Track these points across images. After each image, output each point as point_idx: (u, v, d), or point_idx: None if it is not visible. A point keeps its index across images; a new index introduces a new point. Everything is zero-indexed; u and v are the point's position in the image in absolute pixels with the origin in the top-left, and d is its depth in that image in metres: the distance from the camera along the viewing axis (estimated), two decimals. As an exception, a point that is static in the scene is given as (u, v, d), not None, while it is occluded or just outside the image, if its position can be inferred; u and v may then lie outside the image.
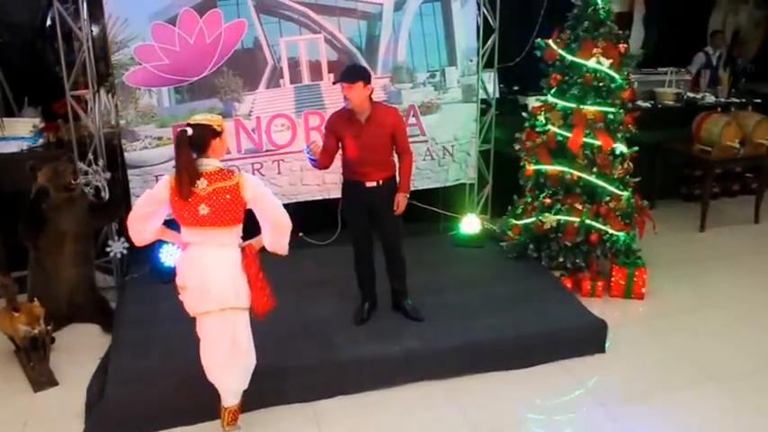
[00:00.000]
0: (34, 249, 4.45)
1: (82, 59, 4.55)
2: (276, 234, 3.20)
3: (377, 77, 5.14)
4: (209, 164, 3.09)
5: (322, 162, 4.05)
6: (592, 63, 4.69)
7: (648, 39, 8.16)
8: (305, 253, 5.28)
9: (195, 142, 3.05)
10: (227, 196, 3.05)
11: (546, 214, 4.83)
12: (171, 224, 3.30)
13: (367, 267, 4.29)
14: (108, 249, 4.87)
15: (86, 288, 4.59)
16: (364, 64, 5.06)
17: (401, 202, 4.06)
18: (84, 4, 4.52)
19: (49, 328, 4.03)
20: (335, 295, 4.58)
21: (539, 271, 4.98)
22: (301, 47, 4.98)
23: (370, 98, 3.93)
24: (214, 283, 3.13)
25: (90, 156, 4.72)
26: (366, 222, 4.16)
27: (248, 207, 3.16)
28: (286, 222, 3.20)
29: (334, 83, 3.89)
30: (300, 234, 5.52)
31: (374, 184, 4.02)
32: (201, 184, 3.05)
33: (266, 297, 3.26)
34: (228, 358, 3.26)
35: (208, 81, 4.81)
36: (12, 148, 4.99)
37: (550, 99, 4.94)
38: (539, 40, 4.96)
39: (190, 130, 3.04)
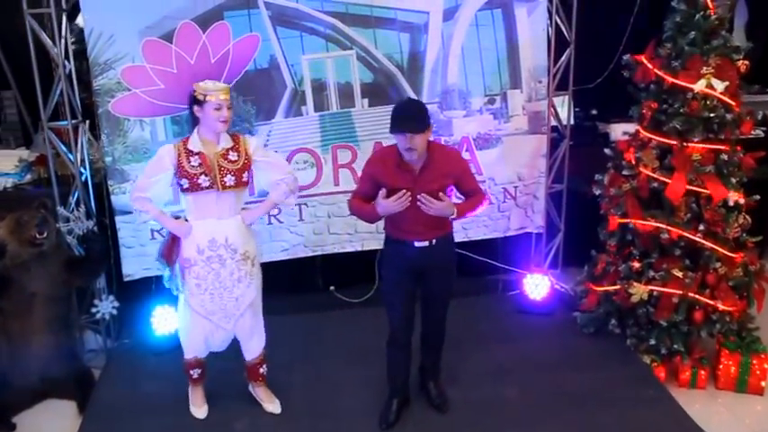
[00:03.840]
0: (-1, 312, 3.72)
1: (59, 84, 3.80)
2: None
3: (422, 104, 4.26)
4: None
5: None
6: (700, 86, 3.66)
7: (753, 51, 6.95)
8: (333, 315, 4.56)
9: None
10: None
11: (634, 283, 3.80)
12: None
13: (401, 352, 3.37)
14: (94, 310, 4.11)
15: (64, 359, 3.82)
16: (406, 86, 4.24)
17: (443, 200, 3.04)
18: (64, 18, 3.76)
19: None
20: (361, 378, 3.73)
21: (623, 355, 3.95)
22: (328, 66, 4.15)
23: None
24: None
25: (72, 200, 3.96)
26: (411, 293, 3.26)
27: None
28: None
29: (393, 130, 3.01)
30: (331, 288, 4.80)
31: (425, 243, 3.15)
32: None
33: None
34: None
35: (213, 109, 3.98)
36: (-9, 185, 4.30)
37: (642, 133, 3.92)
38: (626, 56, 3.98)
39: None
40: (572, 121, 4.69)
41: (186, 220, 3.19)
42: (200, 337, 3.32)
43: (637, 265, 3.87)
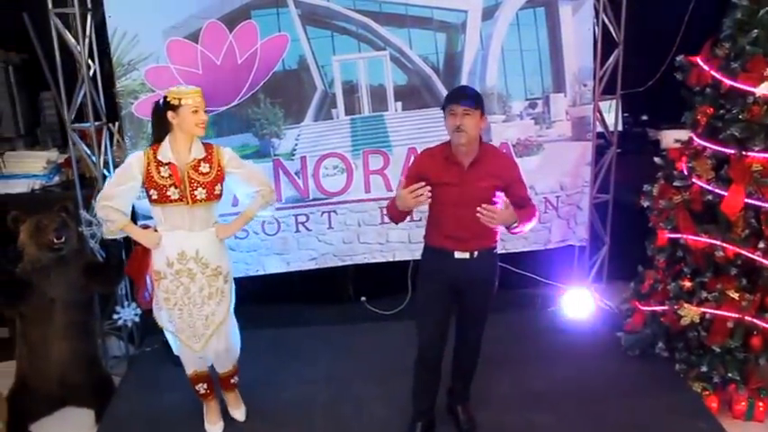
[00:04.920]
0: (19, 317, 3.65)
1: (83, 85, 3.74)
2: None
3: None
4: None
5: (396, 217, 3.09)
6: (762, 90, 3.37)
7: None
8: (364, 328, 4.39)
9: None
10: None
11: (685, 304, 3.53)
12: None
13: (431, 374, 3.17)
14: (116, 317, 4.03)
15: (84, 365, 3.74)
16: (442, 89, 4.08)
17: (502, 207, 2.85)
18: (88, 17, 3.70)
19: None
20: (387, 396, 3.55)
21: (671, 381, 3.66)
22: (360, 67, 4.02)
23: (480, 136, 2.94)
24: None
25: (94, 203, 3.87)
26: (445, 309, 3.06)
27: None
28: None
29: (445, 105, 2.86)
30: (362, 299, 4.67)
31: (466, 255, 2.97)
32: None
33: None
34: None
35: (239, 112, 3.94)
36: (19, 187, 4.25)
37: (696, 141, 3.65)
38: (680, 57, 3.72)
39: None
40: (620, 128, 4.46)
41: (156, 230, 3.08)
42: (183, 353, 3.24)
43: (688, 284, 3.60)
